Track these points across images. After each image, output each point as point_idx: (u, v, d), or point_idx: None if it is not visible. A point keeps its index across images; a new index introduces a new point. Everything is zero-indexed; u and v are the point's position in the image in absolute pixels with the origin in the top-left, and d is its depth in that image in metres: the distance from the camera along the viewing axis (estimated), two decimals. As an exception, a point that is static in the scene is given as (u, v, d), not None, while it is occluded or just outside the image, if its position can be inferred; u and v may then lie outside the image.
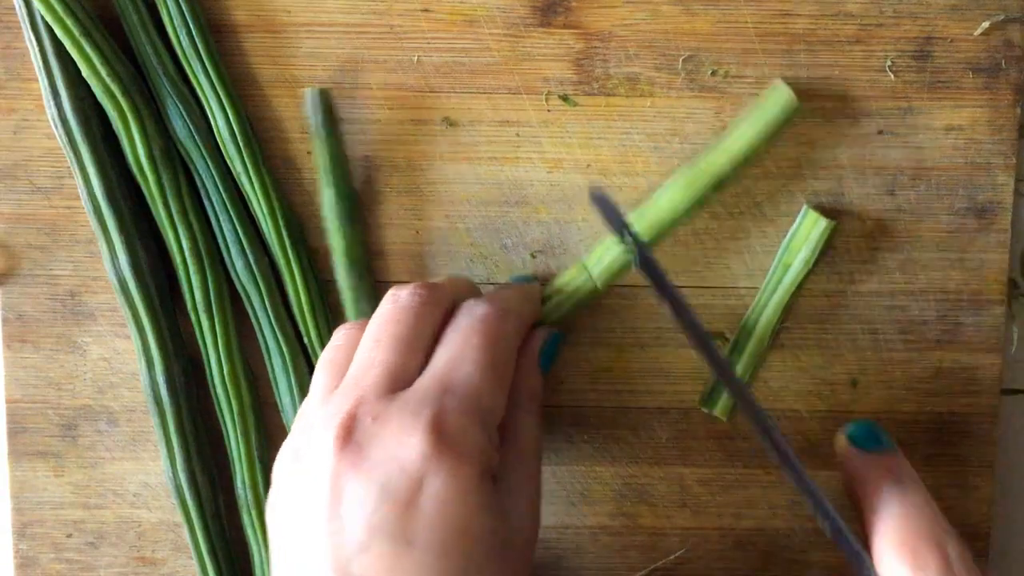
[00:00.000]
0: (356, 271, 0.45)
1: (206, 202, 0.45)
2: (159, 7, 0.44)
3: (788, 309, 0.46)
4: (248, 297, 0.45)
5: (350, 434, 0.35)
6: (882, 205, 0.46)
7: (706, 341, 0.39)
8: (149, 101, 0.44)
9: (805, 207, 0.45)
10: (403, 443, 0.35)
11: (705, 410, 0.46)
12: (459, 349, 0.38)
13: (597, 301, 0.45)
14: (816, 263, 0.45)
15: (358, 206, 0.45)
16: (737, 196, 0.46)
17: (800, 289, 0.46)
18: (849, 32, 0.45)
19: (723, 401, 0.46)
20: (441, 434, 0.35)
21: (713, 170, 0.43)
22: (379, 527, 0.34)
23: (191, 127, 0.44)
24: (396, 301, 0.39)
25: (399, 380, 0.37)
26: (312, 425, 0.37)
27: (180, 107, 0.44)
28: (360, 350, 0.39)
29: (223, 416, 0.46)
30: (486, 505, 0.35)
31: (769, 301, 0.46)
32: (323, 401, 0.38)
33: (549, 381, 0.46)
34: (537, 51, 0.45)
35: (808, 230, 0.45)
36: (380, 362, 0.37)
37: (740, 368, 0.46)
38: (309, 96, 0.44)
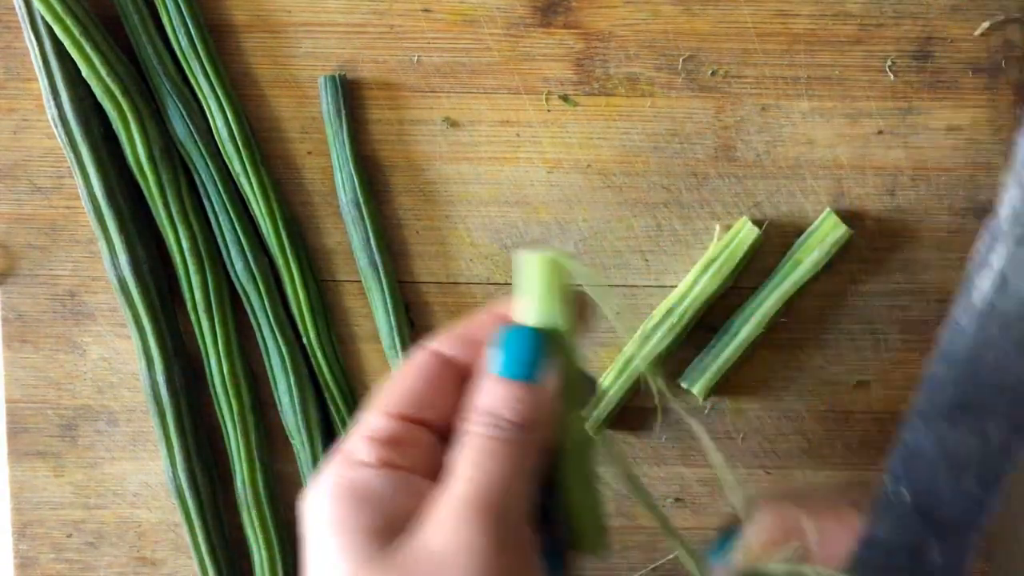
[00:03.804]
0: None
1: (206, 202, 0.45)
2: (159, 7, 0.44)
3: (789, 305, 0.46)
4: (248, 297, 0.45)
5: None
6: (882, 205, 0.46)
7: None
8: (149, 101, 0.44)
9: (827, 211, 0.45)
10: None
11: (684, 385, 0.46)
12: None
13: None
14: (825, 267, 0.45)
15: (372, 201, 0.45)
16: (737, 196, 0.46)
17: (803, 288, 0.46)
18: (849, 32, 0.45)
19: (702, 382, 0.46)
20: None
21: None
22: None
23: (191, 127, 0.44)
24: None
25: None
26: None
27: (180, 107, 0.44)
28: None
29: (223, 416, 0.46)
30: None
31: (772, 293, 0.46)
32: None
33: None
34: (537, 51, 0.45)
35: (825, 233, 0.45)
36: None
37: (730, 351, 0.46)
38: (323, 83, 0.44)
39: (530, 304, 0.34)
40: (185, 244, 0.45)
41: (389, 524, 0.32)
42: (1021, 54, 0.45)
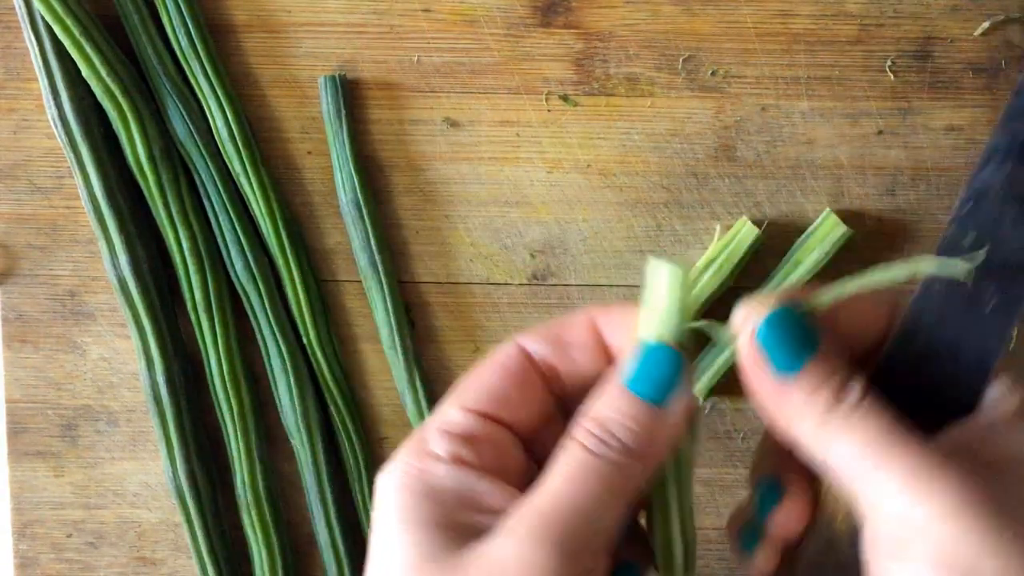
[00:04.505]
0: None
1: (206, 202, 0.45)
2: (159, 7, 0.44)
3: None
4: (248, 297, 0.45)
5: None
6: (882, 205, 0.46)
7: None
8: (149, 101, 0.44)
9: (827, 211, 0.45)
10: None
11: None
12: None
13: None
14: (825, 267, 0.45)
15: (373, 200, 0.45)
16: (737, 196, 0.46)
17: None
18: (849, 32, 0.45)
19: (702, 382, 0.46)
20: None
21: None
22: None
23: (191, 127, 0.44)
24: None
25: None
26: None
27: (180, 107, 0.44)
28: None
29: (223, 416, 0.46)
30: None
31: (774, 290, 0.46)
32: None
33: None
34: (537, 51, 0.45)
35: (825, 233, 0.45)
36: None
37: (730, 352, 0.46)
38: (323, 83, 0.44)
39: (662, 319, 0.31)
40: (185, 244, 0.45)
41: (457, 522, 0.30)
42: (1021, 54, 0.45)
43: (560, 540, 0.28)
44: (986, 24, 0.45)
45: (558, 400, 0.33)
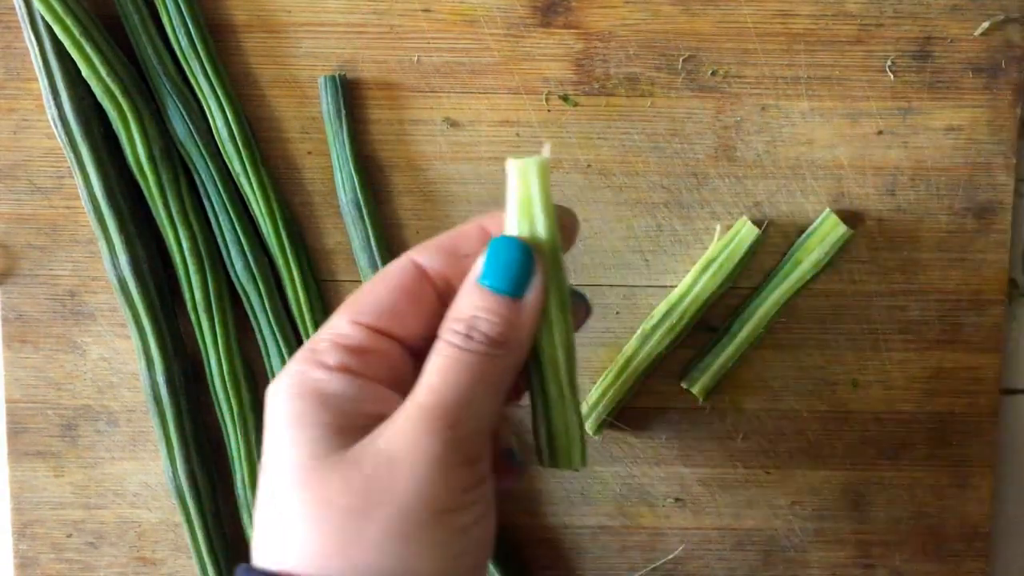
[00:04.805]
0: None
1: (206, 202, 0.45)
2: (159, 7, 0.44)
3: (789, 305, 0.46)
4: (248, 297, 0.45)
5: None
6: (882, 205, 0.46)
7: None
8: (149, 101, 0.44)
9: (827, 211, 0.45)
10: None
11: (684, 385, 0.46)
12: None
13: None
14: (825, 267, 0.45)
15: (373, 200, 0.45)
16: (737, 196, 0.46)
17: (803, 288, 0.46)
18: (849, 32, 0.45)
19: (702, 382, 0.46)
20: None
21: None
22: None
23: (191, 127, 0.44)
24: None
25: None
26: None
27: (180, 107, 0.44)
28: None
29: (223, 416, 0.46)
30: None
31: (772, 293, 0.46)
32: None
33: None
34: (537, 51, 0.45)
35: (825, 233, 0.45)
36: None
37: (730, 351, 0.46)
38: (322, 83, 0.44)
39: (519, 214, 0.33)
40: (185, 244, 0.45)
41: (347, 425, 0.31)
42: (1021, 54, 0.45)
43: (442, 428, 0.31)
44: (986, 24, 0.45)
45: None
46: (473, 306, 0.32)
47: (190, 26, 0.44)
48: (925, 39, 0.45)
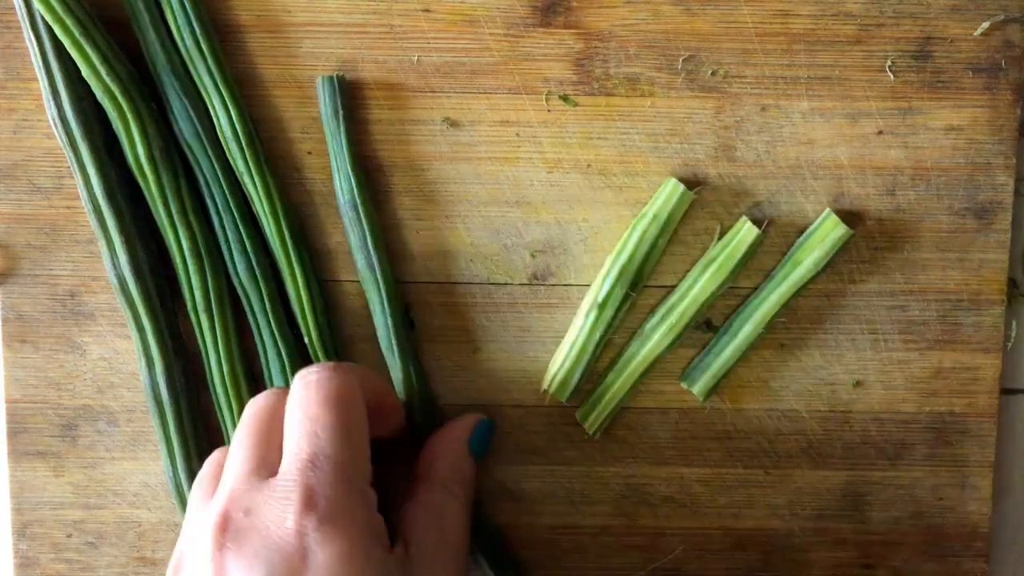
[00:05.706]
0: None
1: (208, 201, 0.45)
2: (164, 7, 0.44)
3: (789, 305, 0.46)
4: (248, 297, 0.45)
5: (225, 532, 0.36)
6: (882, 205, 0.46)
7: None
8: (149, 101, 0.44)
9: (827, 211, 0.45)
10: (279, 526, 0.35)
11: (684, 385, 0.47)
12: (304, 423, 0.38)
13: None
14: (825, 267, 0.45)
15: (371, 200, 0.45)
16: (737, 196, 0.46)
17: (803, 288, 0.46)
18: (849, 32, 0.45)
19: (702, 382, 0.46)
20: (313, 507, 0.35)
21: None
22: None
23: (197, 126, 0.44)
24: (253, 405, 0.40)
25: (263, 471, 0.37)
26: (191, 534, 0.38)
27: (187, 105, 0.44)
28: (227, 458, 0.39)
29: (223, 416, 0.46)
30: (380, 567, 0.36)
31: (772, 294, 0.46)
32: (199, 510, 0.39)
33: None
34: (537, 51, 0.45)
35: (825, 233, 0.45)
36: (243, 459, 0.38)
37: (730, 352, 0.46)
38: (320, 83, 0.44)
39: None
40: (185, 244, 0.45)
41: None
42: (1021, 54, 0.45)
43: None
44: (986, 24, 0.45)
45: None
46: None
47: (194, 26, 0.44)
48: (925, 39, 0.45)
